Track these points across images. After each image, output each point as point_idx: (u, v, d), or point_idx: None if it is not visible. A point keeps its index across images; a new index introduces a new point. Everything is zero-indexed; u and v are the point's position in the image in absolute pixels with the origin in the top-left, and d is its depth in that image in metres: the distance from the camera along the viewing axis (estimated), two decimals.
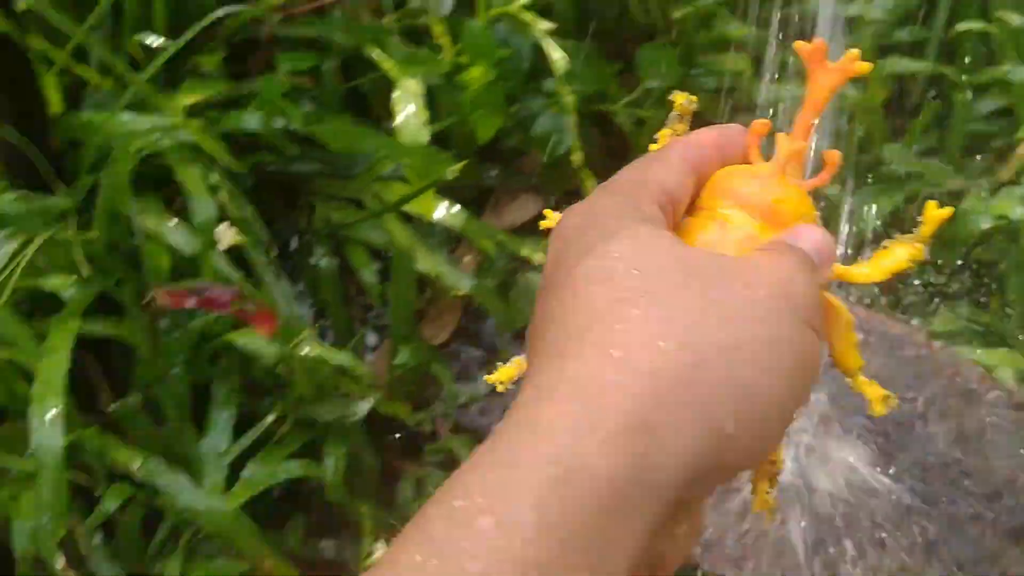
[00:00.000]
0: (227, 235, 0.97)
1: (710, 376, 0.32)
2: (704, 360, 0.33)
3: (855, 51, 0.43)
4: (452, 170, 1.05)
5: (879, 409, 0.44)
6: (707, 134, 0.41)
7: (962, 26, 1.56)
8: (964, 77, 1.58)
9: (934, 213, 0.43)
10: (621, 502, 0.30)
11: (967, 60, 1.60)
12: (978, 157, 1.61)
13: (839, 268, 0.43)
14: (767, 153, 0.43)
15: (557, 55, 1.14)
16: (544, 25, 1.17)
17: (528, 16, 1.17)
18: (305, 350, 1.08)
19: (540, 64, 1.30)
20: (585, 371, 0.32)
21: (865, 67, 0.43)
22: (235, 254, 1.18)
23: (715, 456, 0.32)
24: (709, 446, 0.32)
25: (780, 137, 0.42)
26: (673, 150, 0.40)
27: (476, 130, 1.22)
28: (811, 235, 0.39)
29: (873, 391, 0.44)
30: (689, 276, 0.35)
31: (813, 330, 0.36)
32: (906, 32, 1.58)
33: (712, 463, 0.32)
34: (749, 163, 0.43)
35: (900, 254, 0.44)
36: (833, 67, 0.43)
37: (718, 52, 1.42)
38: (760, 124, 0.42)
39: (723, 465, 0.33)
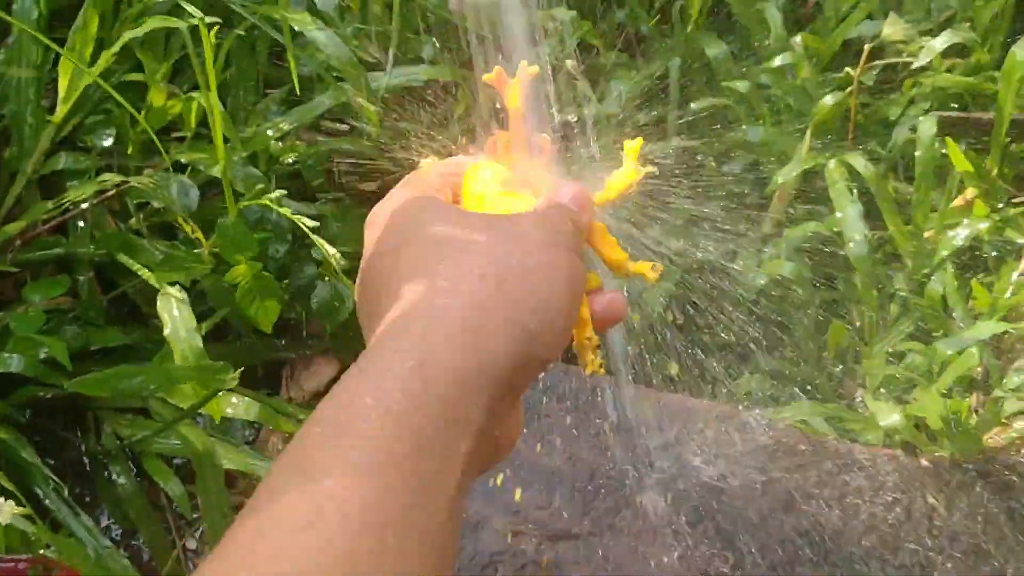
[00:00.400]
0: (5, 510, 0.91)
1: (513, 292, 0.45)
2: (507, 280, 0.45)
3: (525, 62, 0.58)
4: (231, 378, 1.02)
5: (652, 276, 0.56)
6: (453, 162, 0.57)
7: (696, 104, 1.63)
8: (708, 146, 1.66)
9: (630, 147, 0.58)
10: (465, 383, 0.41)
11: (707, 130, 1.68)
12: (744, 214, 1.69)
13: None
14: None
15: (322, 242, 1.13)
16: (308, 222, 1.15)
17: (285, 211, 1.15)
18: None
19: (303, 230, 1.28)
20: (423, 300, 0.44)
21: (534, 69, 0.57)
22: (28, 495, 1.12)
23: (527, 349, 0.44)
24: (521, 341, 0.44)
25: (500, 133, 0.57)
26: (435, 168, 0.56)
27: (257, 322, 1.19)
28: (568, 189, 0.53)
29: (642, 267, 0.56)
30: (487, 230, 0.47)
31: (577, 256, 0.49)
32: (644, 115, 1.64)
33: (526, 354, 0.44)
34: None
35: (623, 177, 0.58)
36: (514, 79, 0.57)
37: None
38: (492, 140, 0.57)
39: (535, 356, 0.45)
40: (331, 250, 1.12)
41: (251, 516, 0.38)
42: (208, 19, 1.08)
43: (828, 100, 1.57)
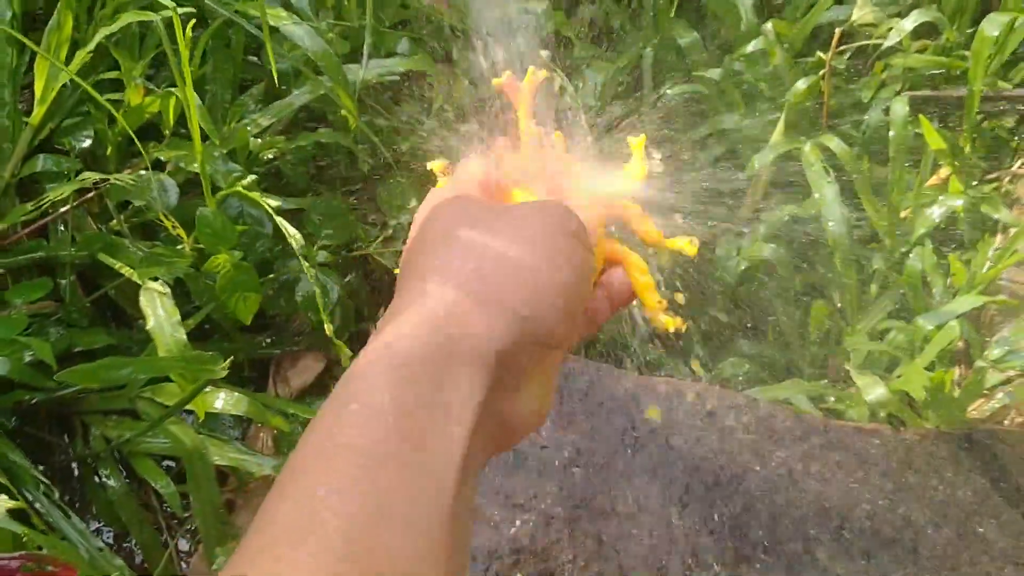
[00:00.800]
0: None
1: (503, 278, 0.47)
2: (500, 267, 0.48)
3: (533, 67, 0.62)
4: (222, 368, 1.02)
5: (691, 251, 0.60)
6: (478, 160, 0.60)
7: (671, 90, 1.64)
8: (684, 136, 1.67)
9: (635, 144, 0.62)
10: (451, 367, 0.44)
11: (682, 120, 1.70)
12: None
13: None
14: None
15: (292, 231, 1.12)
16: (273, 203, 1.14)
17: (255, 195, 1.15)
18: None
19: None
20: (414, 290, 0.47)
21: (543, 73, 0.62)
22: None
23: (519, 331, 0.46)
24: (511, 324, 0.46)
25: (521, 122, 0.61)
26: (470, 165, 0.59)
27: (236, 313, 1.19)
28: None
29: (678, 242, 0.60)
30: (491, 218, 0.50)
31: (583, 245, 0.52)
32: (620, 107, 1.65)
33: (519, 336, 0.46)
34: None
35: (637, 169, 0.62)
36: (523, 83, 0.61)
37: None
38: (498, 145, 0.61)
39: (532, 338, 0.47)
40: (292, 230, 1.11)
41: (254, 533, 0.40)
42: (182, 11, 1.08)
43: (801, 84, 1.59)
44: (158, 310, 1.14)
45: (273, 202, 1.12)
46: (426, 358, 0.43)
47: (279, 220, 1.16)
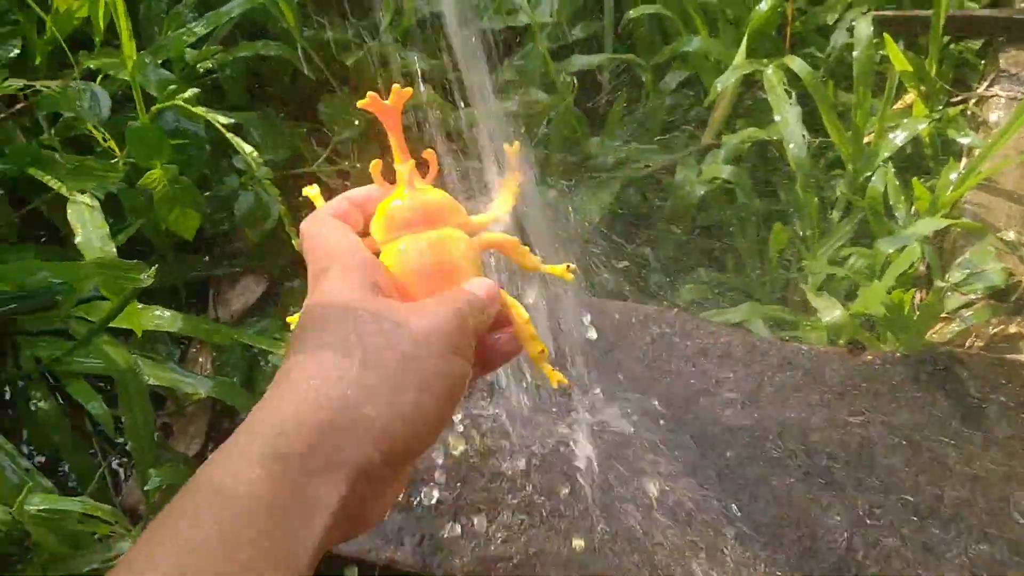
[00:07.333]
0: None
1: (379, 399, 0.46)
2: (376, 387, 0.47)
3: (397, 86, 0.55)
4: (147, 275, 0.97)
5: (568, 277, 0.59)
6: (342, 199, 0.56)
7: (633, 12, 1.59)
8: (645, 60, 1.62)
9: (510, 150, 0.59)
10: (314, 472, 0.44)
11: (644, 44, 1.65)
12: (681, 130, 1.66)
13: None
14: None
15: (244, 145, 1.07)
16: (222, 119, 1.09)
17: (199, 110, 1.09)
18: (34, 506, 0.97)
19: (223, 138, 1.23)
20: (285, 403, 0.46)
21: (408, 91, 0.55)
22: None
23: (388, 447, 0.46)
24: (379, 437, 0.46)
25: (397, 167, 0.56)
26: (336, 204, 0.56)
27: (177, 231, 1.14)
28: (482, 286, 0.54)
29: (557, 269, 0.59)
30: (369, 327, 0.48)
31: (462, 358, 0.50)
32: (579, 29, 1.60)
33: (387, 451, 0.46)
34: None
35: (510, 186, 0.60)
36: (391, 102, 0.55)
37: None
38: (374, 164, 0.56)
39: (398, 452, 0.47)
40: (247, 148, 1.06)
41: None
42: None
43: (763, 6, 1.54)
44: (86, 224, 1.10)
45: (222, 118, 1.06)
46: (301, 461, 0.44)
47: (229, 135, 1.11)
